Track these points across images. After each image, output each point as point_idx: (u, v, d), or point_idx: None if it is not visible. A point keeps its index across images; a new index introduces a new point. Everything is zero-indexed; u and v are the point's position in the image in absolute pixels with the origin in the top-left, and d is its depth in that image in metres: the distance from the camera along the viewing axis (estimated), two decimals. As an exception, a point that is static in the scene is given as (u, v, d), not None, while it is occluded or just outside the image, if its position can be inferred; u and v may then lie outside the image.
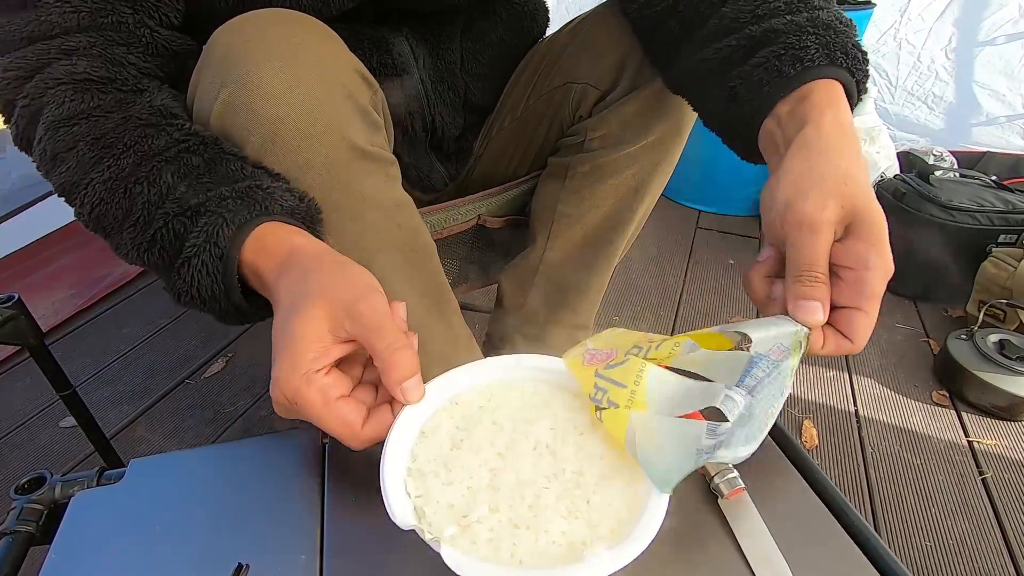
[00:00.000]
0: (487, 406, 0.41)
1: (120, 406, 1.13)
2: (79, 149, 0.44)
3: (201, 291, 0.42)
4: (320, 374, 0.36)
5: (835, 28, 0.46)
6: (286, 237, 0.42)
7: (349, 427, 0.37)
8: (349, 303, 0.36)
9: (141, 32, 0.50)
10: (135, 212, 0.43)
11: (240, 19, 0.47)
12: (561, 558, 0.32)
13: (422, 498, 0.35)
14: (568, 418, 0.40)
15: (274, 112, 0.44)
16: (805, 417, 1.12)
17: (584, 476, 0.36)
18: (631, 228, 0.78)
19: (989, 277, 1.32)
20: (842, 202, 0.38)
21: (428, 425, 0.39)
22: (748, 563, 0.38)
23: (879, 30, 1.76)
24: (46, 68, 0.46)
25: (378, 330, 0.36)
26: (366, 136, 0.51)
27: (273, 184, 0.44)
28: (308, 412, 0.36)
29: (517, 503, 0.35)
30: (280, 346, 0.37)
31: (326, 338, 0.36)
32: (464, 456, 0.37)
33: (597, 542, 0.33)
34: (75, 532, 0.41)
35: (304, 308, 0.36)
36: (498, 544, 0.33)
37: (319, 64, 0.47)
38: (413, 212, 0.57)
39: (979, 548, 0.88)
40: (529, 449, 0.38)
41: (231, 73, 0.44)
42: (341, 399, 0.37)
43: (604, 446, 0.38)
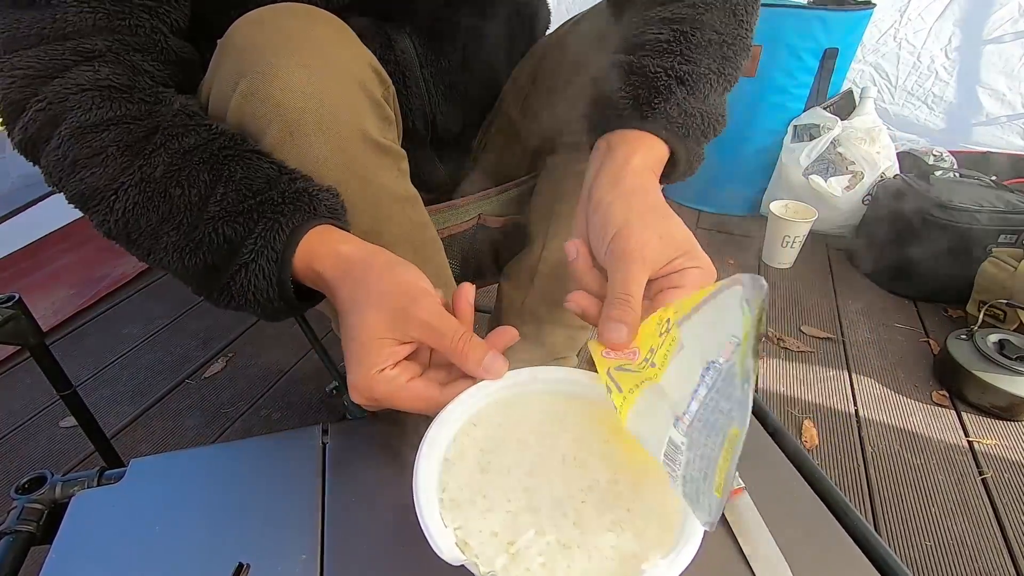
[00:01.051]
0: (507, 424, 0.40)
1: (120, 406, 1.13)
2: (108, 154, 0.43)
3: (257, 295, 0.43)
4: (387, 370, 0.39)
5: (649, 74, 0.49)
6: (331, 242, 0.44)
7: (426, 399, 0.40)
8: (404, 309, 0.39)
9: (156, 38, 0.50)
10: (176, 215, 0.43)
11: (258, 12, 0.47)
12: (618, 574, 0.32)
13: (462, 529, 0.34)
14: (589, 428, 0.40)
15: (293, 103, 0.45)
16: (805, 417, 1.12)
17: (619, 484, 0.36)
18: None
19: (989, 277, 1.32)
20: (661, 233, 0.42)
21: (451, 452, 0.38)
22: (748, 563, 0.38)
23: (879, 30, 1.76)
24: (66, 72, 0.45)
25: (437, 331, 0.39)
26: (380, 130, 0.52)
27: (312, 186, 0.45)
28: (386, 402, 0.39)
29: (560, 522, 0.34)
30: (350, 354, 0.40)
31: (389, 342, 0.39)
32: (495, 480, 0.36)
33: (649, 552, 0.33)
34: (75, 532, 0.41)
35: (364, 318, 0.39)
36: (553, 568, 0.32)
37: (336, 57, 0.48)
38: (421, 206, 0.58)
39: (979, 548, 0.88)
40: (558, 463, 0.37)
41: (250, 64, 0.45)
42: (412, 380, 0.40)
43: (620, 447, 0.38)
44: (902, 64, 1.79)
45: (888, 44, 1.78)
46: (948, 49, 1.73)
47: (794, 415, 1.12)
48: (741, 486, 0.41)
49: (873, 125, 1.64)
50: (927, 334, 1.36)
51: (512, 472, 0.37)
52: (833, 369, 1.24)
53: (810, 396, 1.17)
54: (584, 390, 0.42)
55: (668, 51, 0.50)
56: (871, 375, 1.23)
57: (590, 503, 0.35)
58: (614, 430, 0.39)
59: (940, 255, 1.40)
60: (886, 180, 1.56)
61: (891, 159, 1.63)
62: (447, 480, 0.36)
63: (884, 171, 1.60)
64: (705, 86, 0.50)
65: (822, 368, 1.25)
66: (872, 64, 1.82)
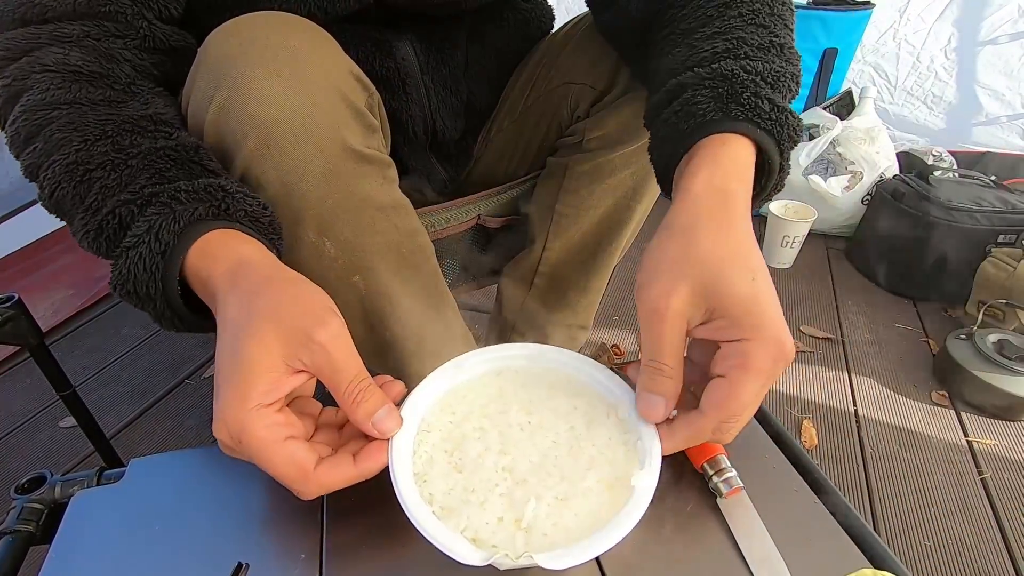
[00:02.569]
0: (457, 419, 0.41)
1: (120, 406, 1.13)
2: (51, 131, 0.42)
3: (137, 287, 0.39)
4: (271, 409, 0.33)
5: (736, 79, 0.42)
6: (236, 246, 0.39)
7: (300, 469, 0.33)
8: (306, 331, 0.33)
9: (139, 24, 0.49)
10: (90, 197, 0.40)
11: (234, 22, 0.46)
12: (616, 501, 0.36)
13: (468, 528, 0.35)
14: (527, 392, 0.42)
15: (269, 115, 0.44)
16: (804, 417, 1.12)
17: (575, 429, 0.40)
18: (630, 228, 0.78)
19: (988, 277, 1.32)
20: (694, 285, 0.35)
21: (419, 466, 0.38)
22: (747, 563, 0.38)
23: (879, 30, 1.76)
24: (34, 52, 0.45)
25: (335, 366, 0.34)
26: (362, 138, 0.51)
27: (236, 188, 0.42)
28: (254, 451, 0.32)
29: (549, 481, 0.37)
30: (226, 374, 0.33)
31: (279, 368, 0.33)
32: (475, 472, 0.37)
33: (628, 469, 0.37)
34: (75, 532, 0.41)
35: (255, 332, 0.33)
36: (564, 522, 0.35)
37: (314, 67, 0.47)
38: (410, 213, 0.57)
39: (978, 548, 0.88)
40: (520, 433, 0.40)
41: (226, 77, 0.44)
42: (292, 439, 0.34)
43: (561, 398, 0.42)
44: (902, 64, 1.79)
45: (888, 44, 1.78)
46: (948, 49, 1.73)
47: (793, 415, 1.12)
48: (740, 486, 0.41)
49: (873, 125, 1.65)
50: (926, 334, 1.36)
51: (485, 459, 0.38)
52: (832, 369, 1.24)
53: (809, 396, 1.17)
54: (506, 362, 0.44)
55: (734, 54, 0.44)
56: (870, 375, 1.23)
57: (563, 455, 0.38)
58: (548, 385, 0.43)
59: (940, 255, 1.40)
60: (885, 180, 1.56)
61: (891, 159, 1.63)
62: (431, 492, 0.37)
63: (884, 171, 1.60)
64: (784, 86, 0.43)
65: (821, 368, 1.25)
66: (872, 64, 1.82)
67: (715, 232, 0.36)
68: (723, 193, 0.38)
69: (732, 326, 0.35)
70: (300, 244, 0.50)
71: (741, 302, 0.34)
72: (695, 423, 0.36)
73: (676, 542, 0.40)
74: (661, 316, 0.35)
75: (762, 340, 0.34)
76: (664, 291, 0.35)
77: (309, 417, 0.38)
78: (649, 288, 0.36)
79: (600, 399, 0.42)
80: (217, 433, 0.33)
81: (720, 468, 0.42)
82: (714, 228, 0.37)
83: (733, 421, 0.36)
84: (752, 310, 0.34)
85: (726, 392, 0.35)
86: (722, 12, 0.47)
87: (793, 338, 0.37)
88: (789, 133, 0.42)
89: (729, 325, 0.35)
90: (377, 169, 0.52)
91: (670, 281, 0.35)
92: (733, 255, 0.36)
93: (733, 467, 0.42)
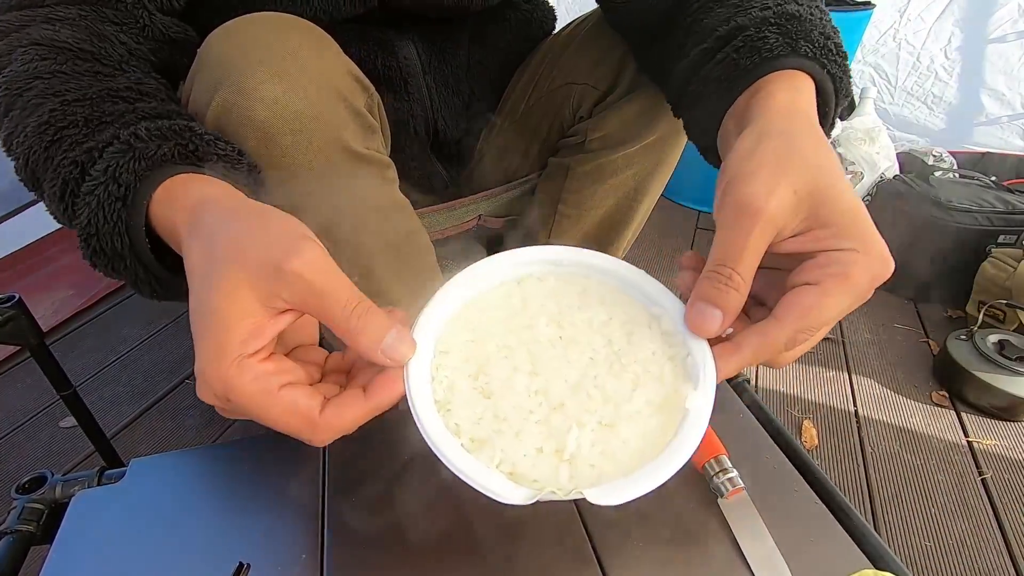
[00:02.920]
0: (478, 337, 0.35)
1: (120, 406, 1.13)
2: (27, 97, 0.39)
3: (102, 243, 0.35)
4: (256, 359, 0.29)
5: (803, 18, 0.41)
6: (200, 187, 0.34)
7: (303, 416, 0.29)
8: (277, 262, 0.28)
9: (139, 14, 0.49)
10: (58, 156, 0.36)
11: (234, 23, 0.46)
12: (668, 426, 0.31)
13: (504, 462, 0.31)
14: (555, 302, 0.37)
15: (269, 117, 0.44)
16: (804, 417, 1.12)
17: (614, 343, 0.35)
18: (631, 228, 0.78)
19: (989, 277, 1.32)
20: (797, 187, 0.31)
21: (440, 393, 0.33)
22: (748, 563, 0.38)
23: (879, 30, 1.76)
24: (24, 29, 0.44)
25: (320, 293, 0.29)
26: (361, 139, 0.51)
27: (208, 132, 0.38)
28: (247, 407, 0.29)
29: (590, 404, 0.32)
30: (200, 331, 0.29)
31: (256, 312, 0.29)
32: (505, 397, 0.33)
33: (679, 388, 0.32)
34: (76, 532, 0.41)
35: (220, 277, 0.28)
36: (611, 450, 0.31)
37: (313, 68, 0.47)
38: (410, 214, 0.57)
39: (979, 548, 0.88)
40: (551, 350, 0.34)
41: (226, 77, 0.44)
42: (288, 386, 0.29)
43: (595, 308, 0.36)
44: (902, 64, 1.79)
45: (888, 44, 1.78)
46: (948, 49, 1.73)
47: (794, 415, 1.12)
48: (741, 486, 0.41)
49: (873, 125, 1.65)
50: (927, 334, 1.36)
51: (515, 381, 0.33)
52: (833, 369, 1.24)
53: (810, 396, 1.17)
54: (527, 268, 0.39)
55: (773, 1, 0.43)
56: (871, 375, 1.23)
57: (603, 373, 0.33)
58: (578, 293, 0.37)
59: (940, 255, 1.40)
60: (886, 180, 1.56)
61: (891, 159, 1.63)
62: (456, 423, 0.32)
63: (884, 171, 1.60)
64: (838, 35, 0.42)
65: (822, 368, 1.24)
66: (872, 64, 1.82)
67: (815, 141, 0.33)
68: (808, 117, 0.36)
69: (836, 236, 0.31)
70: None
71: (849, 211, 0.31)
72: (769, 333, 0.31)
73: (678, 542, 0.40)
74: (755, 216, 0.30)
75: (869, 254, 0.31)
76: (764, 189, 0.30)
77: (313, 365, 0.34)
78: (744, 183, 0.31)
79: (639, 308, 0.36)
80: (202, 396, 0.29)
81: (721, 468, 0.42)
82: (813, 137, 0.33)
83: (809, 335, 0.32)
84: (859, 222, 0.31)
85: (815, 300, 0.30)
86: None
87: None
88: (846, 81, 0.41)
89: (832, 236, 0.31)
90: (376, 170, 0.53)
91: (772, 178, 0.31)
92: (837, 164, 0.32)
93: (734, 467, 0.42)
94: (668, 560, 0.38)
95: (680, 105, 0.51)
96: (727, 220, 0.31)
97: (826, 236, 0.31)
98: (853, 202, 0.31)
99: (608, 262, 0.38)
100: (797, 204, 0.31)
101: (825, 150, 0.33)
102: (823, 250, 0.31)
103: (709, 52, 0.44)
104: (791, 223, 0.31)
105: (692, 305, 0.33)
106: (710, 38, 0.45)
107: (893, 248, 0.32)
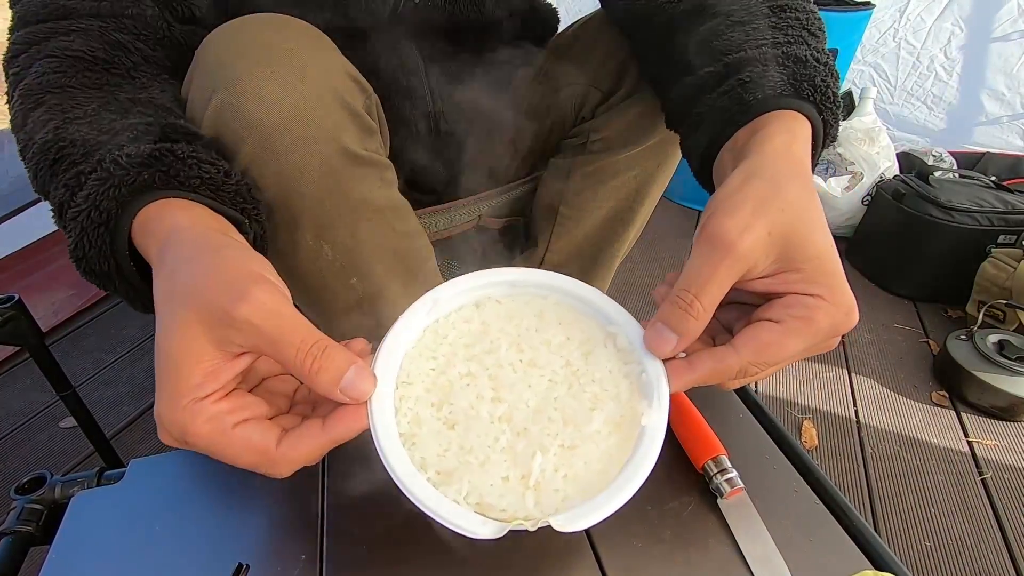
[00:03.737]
0: (440, 366, 0.36)
1: (120, 406, 1.13)
2: (38, 113, 0.41)
3: (91, 265, 0.36)
4: (210, 400, 0.29)
5: (807, 63, 0.43)
6: (172, 216, 0.35)
7: (258, 451, 0.29)
8: (227, 308, 0.28)
9: (158, 25, 0.50)
10: (60, 173, 0.38)
11: (232, 24, 0.46)
12: (625, 443, 0.33)
13: (473, 493, 0.31)
14: (513, 325, 0.38)
15: (267, 118, 0.44)
16: (804, 418, 1.12)
17: (572, 364, 0.36)
18: (632, 230, 0.78)
19: (988, 278, 1.32)
20: (772, 229, 0.32)
21: (404, 425, 0.33)
22: (747, 563, 0.38)
23: (879, 30, 1.76)
24: (45, 42, 0.45)
25: (272, 337, 0.28)
26: (360, 140, 0.51)
27: (191, 154, 0.38)
28: (203, 448, 0.29)
29: (551, 428, 0.33)
30: (158, 374, 0.29)
31: (211, 356, 0.29)
32: (469, 427, 0.33)
33: (634, 405, 0.34)
34: (75, 532, 0.41)
35: (175, 320, 0.29)
36: (574, 473, 0.32)
37: (311, 69, 0.47)
38: (409, 215, 0.57)
39: (979, 548, 0.88)
40: (512, 375, 0.35)
41: (223, 79, 0.44)
42: (243, 423, 0.30)
43: (552, 328, 0.37)
44: (902, 64, 1.79)
45: (888, 44, 1.78)
46: (948, 49, 1.73)
47: (793, 416, 1.12)
48: (741, 487, 0.41)
49: (873, 125, 1.65)
50: (927, 334, 1.36)
51: (479, 409, 0.34)
52: (833, 370, 1.24)
53: (809, 397, 1.17)
54: (485, 291, 0.40)
55: (799, 43, 0.44)
56: (871, 375, 1.23)
57: (563, 394, 0.35)
58: (536, 314, 0.39)
59: (940, 255, 1.40)
60: (886, 181, 1.56)
61: (891, 159, 1.63)
62: (422, 457, 0.32)
63: (884, 172, 1.60)
64: (837, 84, 0.43)
65: (822, 368, 1.24)
66: (872, 64, 1.82)
67: (801, 187, 0.34)
68: (801, 161, 0.37)
69: (805, 281, 0.32)
70: (298, 247, 0.50)
71: (820, 257, 0.32)
72: (724, 359, 0.33)
73: (677, 542, 0.40)
74: (726, 250, 0.31)
75: (835, 303, 0.32)
76: (741, 225, 0.31)
77: (281, 396, 0.34)
78: (723, 217, 0.32)
79: (595, 327, 0.38)
80: (162, 439, 0.30)
81: (721, 468, 0.42)
82: (799, 183, 0.34)
83: (760, 369, 0.33)
84: (830, 269, 0.32)
85: (775, 337, 0.32)
86: (777, 12, 0.48)
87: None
88: (835, 128, 0.43)
89: (801, 280, 0.32)
90: (375, 171, 0.52)
91: (750, 217, 0.31)
92: (818, 211, 0.33)
93: (734, 468, 0.42)
94: (668, 560, 0.38)
95: (679, 121, 0.52)
96: (700, 250, 0.32)
97: (795, 280, 0.32)
98: (827, 250, 0.33)
99: (565, 282, 0.39)
100: (770, 245, 0.32)
101: (808, 195, 0.34)
102: (790, 292, 0.33)
103: (715, 77, 0.45)
104: (762, 263, 0.32)
105: (652, 325, 0.34)
106: (718, 63, 0.46)
107: (894, 248, 0.34)
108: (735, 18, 0.48)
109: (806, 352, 0.33)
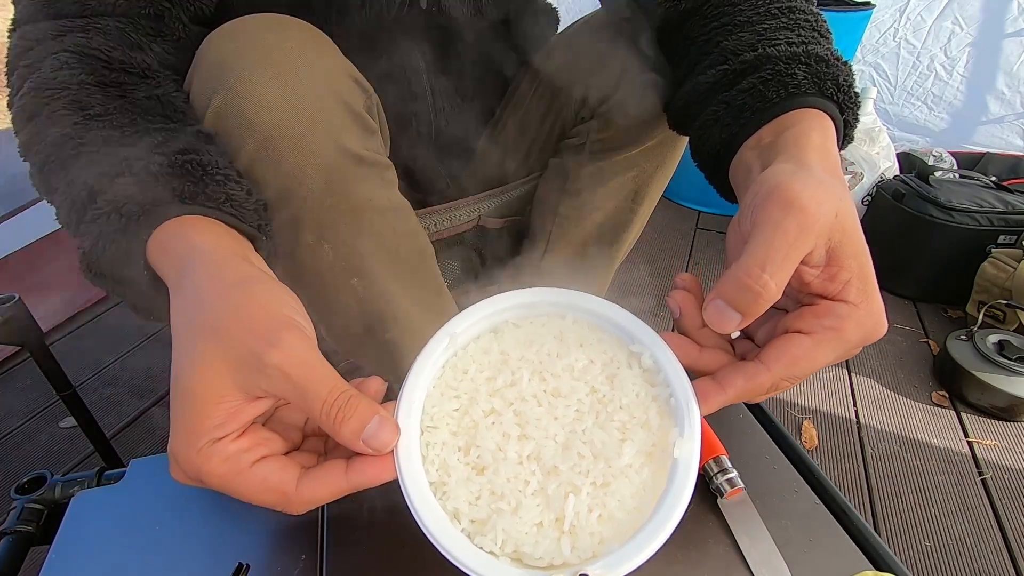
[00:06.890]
0: (464, 404, 0.35)
1: (120, 406, 1.13)
2: (53, 107, 0.41)
3: (103, 269, 0.37)
4: (227, 440, 0.28)
5: (829, 62, 0.43)
6: (191, 235, 0.35)
7: (276, 491, 0.29)
8: (258, 353, 0.27)
9: (174, 26, 0.50)
10: (74, 170, 0.38)
11: (231, 24, 0.46)
12: (658, 475, 0.32)
13: (509, 542, 0.30)
14: (535, 353, 0.36)
15: (267, 119, 0.44)
16: (804, 418, 1.12)
17: (598, 391, 0.34)
18: (632, 230, 0.78)
19: (988, 278, 1.32)
20: (839, 211, 0.31)
21: (432, 474, 0.32)
22: (748, 563, 0.38)
23: (879, 30, 1.76)
24: (60, 38, 0.45)
25: (300, 388, 0.28)
26: (360, 141, 0.51)
27: (220, 172, 0.38)
28: (219, 488, 0.29)
29: (582, 464, 0.32)
30: (175, 408, 0.28)
31: (233, 397, 0.28)
32: (498, 470, 0.32)
33: (666, 434, 0.32)
34: (75, 532, 0.41)
35: (198, 357, 0.28)
36: (609, 512, 0.31)
37: (312, 70, 0.47)
38: (410, 216, 0.57)
39: (979, 548, 0.88)
40: (537, 408, 0.34)
41: (223, 80, 0.44)
42: (262, 461, 0.29)
43: (574, 352, 0.36)
44: (902, 64, 1.79)
45: (888, 44, 1.78)
46: (948, 48, 1.73)
47: (794, 416, 1.12)
48: (741, 487, 0.41)
49: (873, 125, 1.65)
50: (927, 334, 1.36)
51: (506, 450, 0.33)
52: (832, 369, 1.24)
53: (809, 397, 1.17)
54: (501, 316, 0.38)
55: (817, 41, 0.44)
56: (871, 376, 1.23)
57: (590, 425, 0.33)
58: (555, 336, 0.37)
59: (940, 255, 1.40)
60: (886, 181, 1.56)
61: (891, 160, 1.63)
62: (455, 508, 0.31)
63: (884, 172, 1.60)
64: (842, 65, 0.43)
65: (822, 368, 1.24)
66: (872, 64, 1.82)
67: (841, 183, 0.33)
68: (836, 161, 0.36)
69: (843, 284, 0.31)
70: (299, 247, 0.50)
71: (862, 256, 0.31)
72: (755, 377, 0.31)
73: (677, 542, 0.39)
74: (804, 216, 0.29)
75: (867, 312, 0.31)
76: (819, 197, 0.29)
77: (292, 428, 0.34)
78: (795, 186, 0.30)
79: (617, 346, 0.36)
80: (175, 476, 0.29)
81: (721, 468, 0.42)
82: (840, 180, 0.33)
83: (792, 383, 0.32)
84: (869, 273, 0.31)
85: (806, 351, 0.31)
86: (786, 13, 0.48)
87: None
88: (854, 127, 0.42)
89: (842, 279, 0.31)
90: (375, 171, 0.52)
91: (822, 194, 0.30)
92: (853, 218, 0.32)
93: (734, 468, 0.42)
94: (668, 560, 0.38)
95: (687, 121, 0.52)
96: (770, 216, 0.30)
97: (836, 277, 0.31)
98: (867, 253, 0.32)
99: (580, 298, 0.38)
100: (832, 229, 0.30)
101: (848, 197, 0.33)
102: (825, 296, 0.31)
103: (731, 75, 0.45)
104: (821, 248, 0.30)
105: (712, 302, 0.31)
106: (733, 60, 0.45)
107: (894, 248, 0.34)
108: (742, 18, 0.49)
109: (835, 360, 0.32)
